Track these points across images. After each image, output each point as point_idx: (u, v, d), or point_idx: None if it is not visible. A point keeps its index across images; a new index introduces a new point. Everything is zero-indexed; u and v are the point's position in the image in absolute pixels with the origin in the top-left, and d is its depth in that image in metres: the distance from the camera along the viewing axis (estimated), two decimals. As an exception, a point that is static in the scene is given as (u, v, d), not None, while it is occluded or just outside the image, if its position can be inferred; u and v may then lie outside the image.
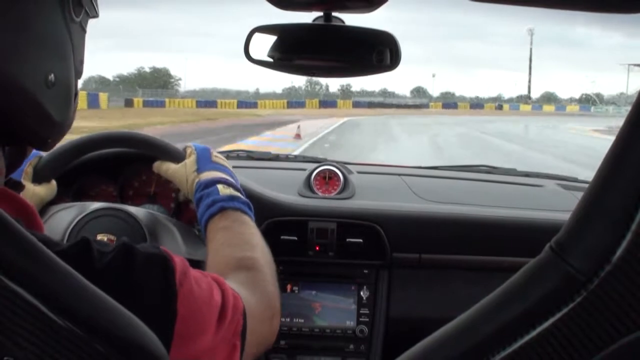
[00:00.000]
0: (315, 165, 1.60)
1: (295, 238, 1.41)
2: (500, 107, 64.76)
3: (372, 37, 0.95)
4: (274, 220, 1.42)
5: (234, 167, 1.61)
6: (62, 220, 1.00)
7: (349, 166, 1.72)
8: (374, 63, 0.97)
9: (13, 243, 0.41)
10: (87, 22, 0.59)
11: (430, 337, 0.47)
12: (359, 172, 1.70)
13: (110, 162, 1.23)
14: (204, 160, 0.96)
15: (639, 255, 0.39)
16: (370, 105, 50.95)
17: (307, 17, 0.93)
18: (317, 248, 1.41)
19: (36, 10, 0.49)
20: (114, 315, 0.43)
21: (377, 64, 0.97)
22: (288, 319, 1.43)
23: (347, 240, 1.41)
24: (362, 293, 1.44)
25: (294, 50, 0.98)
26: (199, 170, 0.94)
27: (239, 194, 0.89)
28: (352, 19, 0.94)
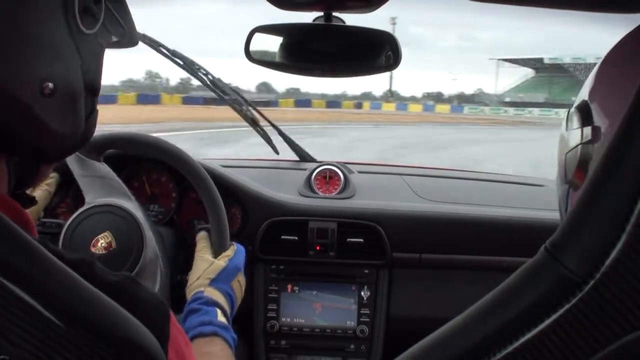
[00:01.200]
0: (316, 165, 1.60)
1: (296, 238, 1.41)
2: (359, 106, 54.23)
3: (373, 37, 0.95)
4: (275, 220, 1.42)
5: (234, 166, 1.62)
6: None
7: (349, 166, 1.72)
8: (374, 63, 0.97)
9: (9, 242, 0.41)
10: (107, 38, 0.57)
11: (429, 337, 0.47)
12: (359, 172, 1.71)
13: (110, 162, 1.24)
14: (225, 277, 0.93)
15: (633, 257, 0.39)
16: (206, 101, 35.13)
17: (307, 17, 0.93)
18: (318, 248, 1.41)
19: (33, 17, 0.47)
20: (112, 315, 0.43)
21: (378, 64, 0.97)
22: (288, 319, 1.43)
23: (348, 240, 1.41)
24: (362, 293, 1.44)
25: (295, 50, 0.98)
26: (212, 282, 0.91)
27: (230, 327, 0.88)
28: (352, 18, 0.94)
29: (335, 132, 17.72)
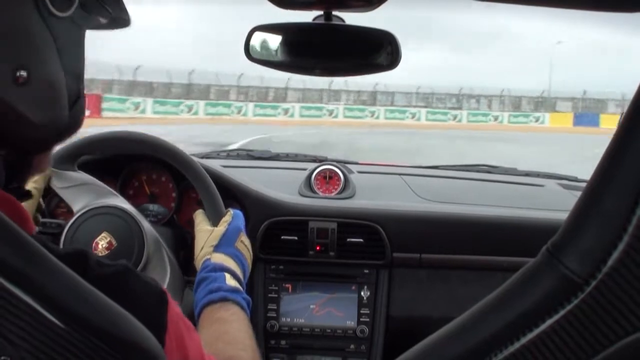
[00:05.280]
0: (316, 164, 1.60)
1: (296, 238, 1.41)
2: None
3: (372, 36, 0.95)
4: (275, 220, 1.42)
5: (234, 166, 1.62)
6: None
7: (349, 166, 1.72)
8: (373, 62, 0.97)
9: (7, 241, 0.41)
10: (87, 20, 0.55)
11: (430, 337, 0.47)
12: (359, 172, 1.70)
13: (110, 161, 1.24)
14: (228, 240, 0.94)
15: (635, 258, 0.39)
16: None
17: (307, 16, 0.93)
18: (318, 248, 1.41)
19: None
20: (111, 314, 0.43)
21: (377, 63, 0.97)
22: (288, 319, 1.43)
23: (348, 240, 1.41)
24: (362, 293, 1.43)
25: (295, 49, 0.98)
26: (216, 248, 0.92)
27: (242, 289, 0.88)
28: (352, 18, 0.93)
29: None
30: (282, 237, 1.41)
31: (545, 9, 0.65)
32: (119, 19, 0.61)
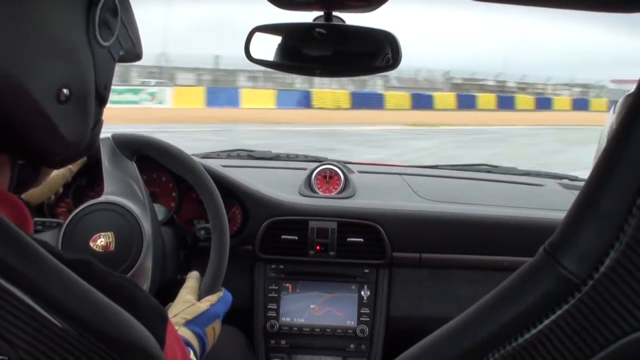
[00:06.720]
0: (316, 164, 1.60)
1: (296, 237, 1.42)
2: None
3: (372, 37, 0.95)
4: (275, 219, 1.42)
5: (234, 166, 1.62)
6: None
7: (349, 165, 1.72)
8: (374, 62, 0.97)
9: (7, 242, 0.41)
10: (118, 52, 0.58)
11: (429, 337, 0.47)
12: (359, 172, 1.70)
13: None
14: (202, 321, 0.91)
15: (632, 258, 0.39)
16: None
17: (307, 16, 0.93)
18: (318, 247, 1.42)
19: (57, 22, 0.47)
20: (111, 315, 0.43)
21: (378, 63, 0.97)
22: (288, 319, 1.44)
23: (348, 239, 1.41)
24: (362, 292, 1.44)
25: (295, 49, 0.98)
26: (188, 324, 0.89)
27: None
28: (352, 18, 0.93)
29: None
30: (282, 236, 1.42)
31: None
32: (136, 53, 0.63)
